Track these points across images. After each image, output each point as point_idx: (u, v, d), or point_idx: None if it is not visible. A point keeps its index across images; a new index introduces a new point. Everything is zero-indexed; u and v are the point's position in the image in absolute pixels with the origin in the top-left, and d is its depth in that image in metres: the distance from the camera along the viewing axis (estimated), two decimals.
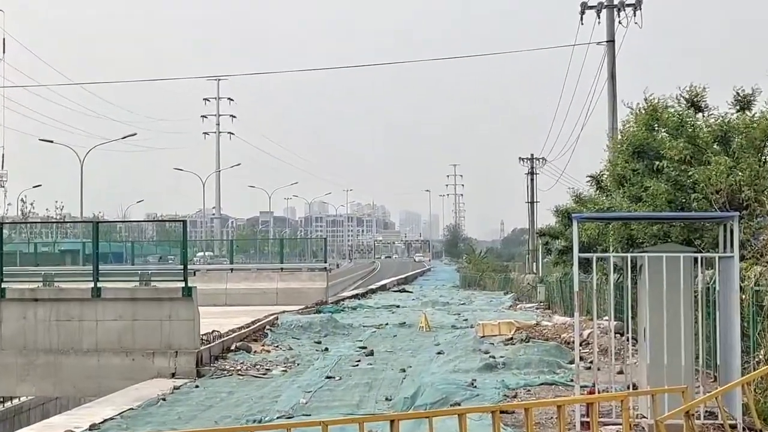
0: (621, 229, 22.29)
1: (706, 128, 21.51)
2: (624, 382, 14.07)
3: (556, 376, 18.13)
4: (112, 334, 21.46)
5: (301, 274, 47.30)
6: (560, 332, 25.14)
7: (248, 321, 29.39)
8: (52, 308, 21.71)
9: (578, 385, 13.52)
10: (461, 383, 16.96)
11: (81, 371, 21.47)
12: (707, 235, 19.43)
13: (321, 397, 17.29)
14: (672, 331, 12.40)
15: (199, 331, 22.01)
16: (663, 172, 21.15)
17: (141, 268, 32.12)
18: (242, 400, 17.23)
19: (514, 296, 58.02)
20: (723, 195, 18.71)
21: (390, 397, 16.96)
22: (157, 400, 17.36)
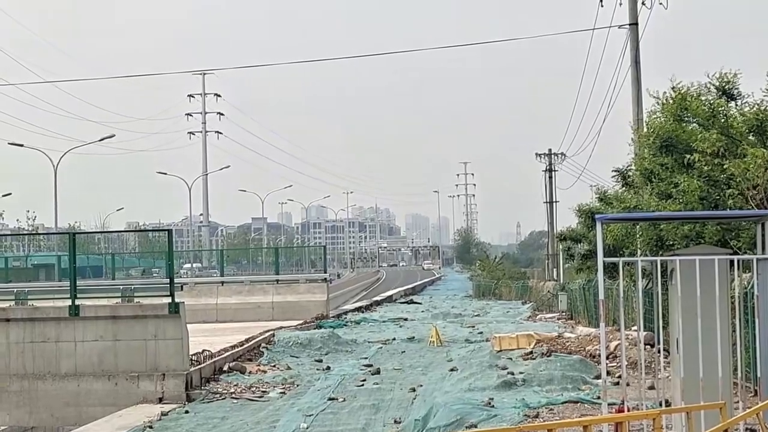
0: (649, 229, 22.31)
1: (741, 118, 21.54)
2: (656, 399, 14.08)
3: (581, 393, 18.13)
4: (92, 357, 21.48)
5: (299, 286, 47.30)
6: (585, 344, 25.16)
7: (242, 339, 29.44)
8: (26, 329, 21.74)
9: (606, 403, 13.52)
10: (477, 403, 16.98)
11: (59, 397, 21.49)
12: (744, 235, 19.43)
13: (323, 421, 17.31)
14: (707, 342, 12.41)
15: (188, 351, 22.03)
16: (694, 166, 21.16)
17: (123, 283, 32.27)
18: (237, 426, 17.25)
19: (533, 306, 58.10)
20: (761, 191, 18.72)
21: (399, 420, 16.99)
22: (143, 427, 17.40)
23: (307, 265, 61.20)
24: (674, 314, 12.92)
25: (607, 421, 11.59)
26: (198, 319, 32.30)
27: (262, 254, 75.86)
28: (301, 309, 42.92)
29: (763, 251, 13.08)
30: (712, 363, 12.41)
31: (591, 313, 36.29)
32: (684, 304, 12.59)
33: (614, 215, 23.03)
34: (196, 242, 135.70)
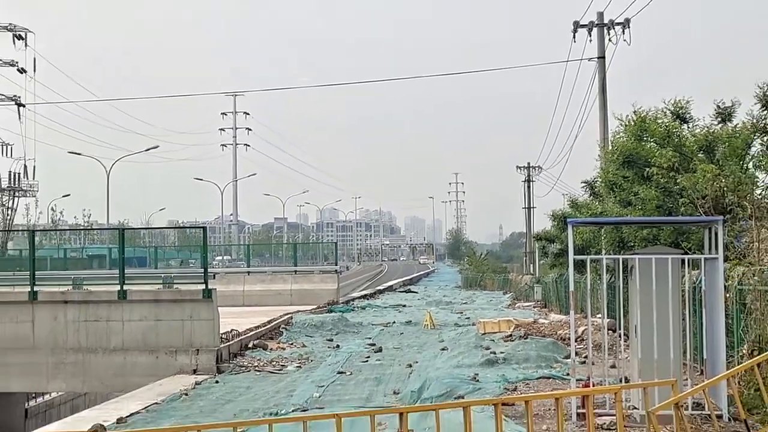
0: (613, 232, 22.31)
1: (692, 138, 21.55)
2: (617, 376, 14.06)
3: (553, 370, 18.11)
4: (137, 334, 21.50)
5: (314, 276, 47.31)
6: (556, 329, 25.12)
7: (264, 320, 29.44)
8: (81, 310, 21.76)
9: (574, 379, 13.51)
10: (464, 377, 16.95)
11: (108, 369, 21.52)
12: (693, 237, 19.43)
13: (333, 391, 17.29)
14: (661, 328, 12.39)
15: (219, 330, 22.04)
16: (652, 179, 21.18)
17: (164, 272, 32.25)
18: (259, 395, 17.23)
19: (512, 296, 58.03)
20: (708, 200, 18.70)
21: (398, 391, 16.96)
22: (180, 395, 17.39)
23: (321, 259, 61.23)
24: (633, 304, 12.91)
25: (575, 395, 11.58)
26: (227, 303, 32.24)
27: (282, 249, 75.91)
28: (315, 296, 42.91)
29: (710, 252, 13.07)
30: (665, 346, 12.40)
31: (562, 303, 36.25)
32: (641, 296, 12.58)
33: (583, 219, 23.02)
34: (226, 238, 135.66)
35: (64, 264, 49.60)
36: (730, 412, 11.86)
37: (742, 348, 13.91)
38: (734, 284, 14.63)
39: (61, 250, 63.18)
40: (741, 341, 14.13)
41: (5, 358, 21.79)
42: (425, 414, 9.80)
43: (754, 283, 14.12)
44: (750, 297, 14.11)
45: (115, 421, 14.64)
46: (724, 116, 21.37)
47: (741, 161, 19.98)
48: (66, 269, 42.86)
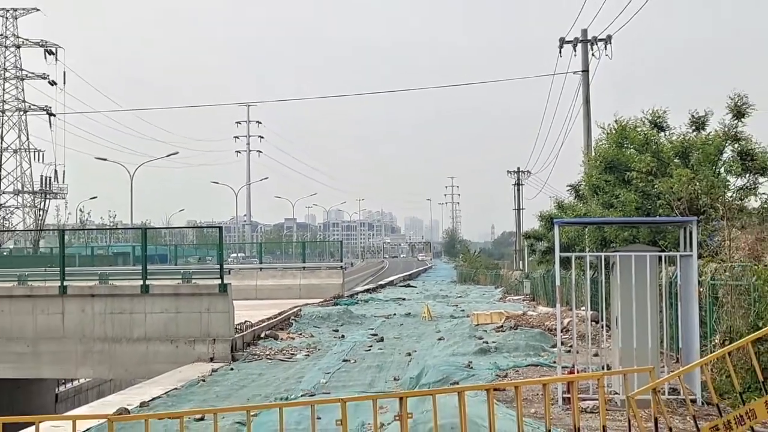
0: (596, 232, 22.32)
1: (669, 145, 21.58)
2: (599, 363, 14.07)
3: (540, 358, 18.12)
4: (158, 325, 21.53)
5: (321, 272, 47.31)
6: (544, 321, 25.12)
7: (275, 312, 29.45)
8: (107, 303, 21.79)
9: (560, 366, 13.54)
10: (459, 365, 16.95)
11: (132, 357, 21.54)
12: (670, 236, 19.45)
13: (339, 378, 17.30)
14: (640, 319, 12.41)
15: (234, 321, 22.05)
16: (631, 183, 21.20)
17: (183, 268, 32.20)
18: (271, 381, 17.24)
19: (503, 290, 58.03)
20: (683, 202, 18.73)
21: (398, 378, 16.97)
22: (198, 381, 17.40)
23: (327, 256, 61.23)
24: (614, 298, 12.92)
25: (561, 381, 11.60)
26: (241, 296, 32.27)
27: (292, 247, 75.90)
28: (322, 290, 42.92)
29: (685, 249, 13.08)
30: (644, 336, 12.41)
31: (549, 296, 36.26)
32: (622, 290, 12.60)
33: (568, 220, 23.05)
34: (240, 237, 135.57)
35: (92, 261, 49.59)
36: (704, 396, 11.88)
37: (714, 338, 13.92)
38: (707, 279, 14.65)
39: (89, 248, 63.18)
40: (713, 332, 14.15)
41: (38, 347, 21.84)
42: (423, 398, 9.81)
43: (725, 279, 14.14)
44: (722, 291, 14.13)
45: (138, 404, 14.66)
46: (698, 125, 21.40)
47: (713, 166, 20.01)
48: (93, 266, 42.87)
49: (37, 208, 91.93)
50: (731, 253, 15.85)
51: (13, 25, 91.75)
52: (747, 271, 13.34)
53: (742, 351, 9.87)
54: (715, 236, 18.34)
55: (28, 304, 22.01)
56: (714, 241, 18.15)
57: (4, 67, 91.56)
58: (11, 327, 21.94)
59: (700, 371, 11.15)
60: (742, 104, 20.05)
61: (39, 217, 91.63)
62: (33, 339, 21.82)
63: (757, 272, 12.55)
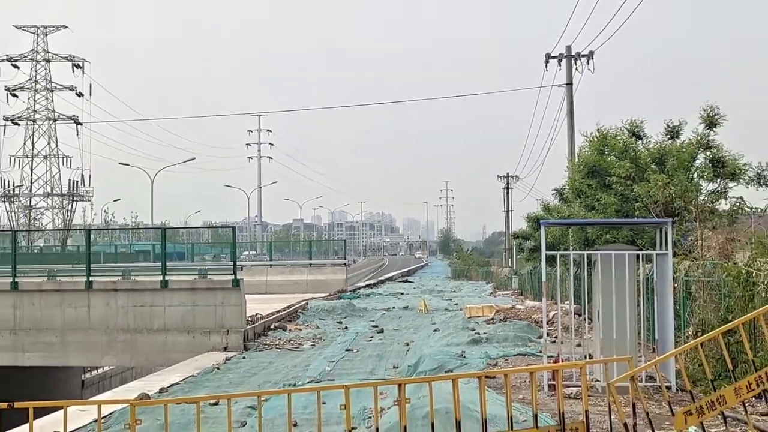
0: (579, 232, 22.31)
1: (646, 152, 21.57)
2: (582, 353, 14.08)
3: (528, 348, 18.11)
4: (177, 317, 21.55)
5: (326, 269, 47.31)
6: (531, 314, 25.12)
7: (284, 306, 29.46)
8: (129, 297, 21.81)
9: (546, 356, 13.53)
10: (453, 354, 16.95)
11: (152, 346, 21.56)
12: (647, 236, 19.45)
13: (342, 366, 17.31)
14: (619, 312, 12.41)
15: (246, 314, 22.08)
16: (612, 187, 21.19)
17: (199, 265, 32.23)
18: (279, 369, 17.26)
19: (493, 285, 57.96)
20: (659, 205, 18.74)
21: (397, 366, 16.97)
22: (213, 368, 17.41)
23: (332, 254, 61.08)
24: (596, 292, 12.93)
25: (547, 369, 11.60)
26: (253, 291, 32.27)
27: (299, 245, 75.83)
28: (327, 285, 42.93)
29: (661, 248, 13.08)
30: (623, 328, 12.41)
31: (536, 291, 36.23)
32: (603, 286, 12.60)
33: (554, 221, 23.03)
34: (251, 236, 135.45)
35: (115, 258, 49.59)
36: (678, 384, 11.88)
37: (688, 330, 13.92)
38: (681, 276, 14.65)
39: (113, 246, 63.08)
40: (687, 324, 14.15)
41: (66, 338, 21.86)
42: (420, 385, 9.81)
43: (698, 275, 14.14)
44: (694, 287, 14.13)
45: (158, 390, 14.66)
46: (673, 134, 21.41)
47: (687, 172, 20.01)
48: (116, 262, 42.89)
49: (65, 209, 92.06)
50: (703, 251, 15.86)
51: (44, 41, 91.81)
52: (718, 268, 13.34)
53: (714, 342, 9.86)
54: (688, 236, 18.36)
55: (57, 298, 22.04)
56: (687, 240, 18.17)
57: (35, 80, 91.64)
58: (41, 319, 21.97)
59: (675, 360, 11.16)
60: (714, 115, 20.07)
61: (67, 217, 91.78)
62: (61, 330, 21.85)
63: (727, 270, 12.55)
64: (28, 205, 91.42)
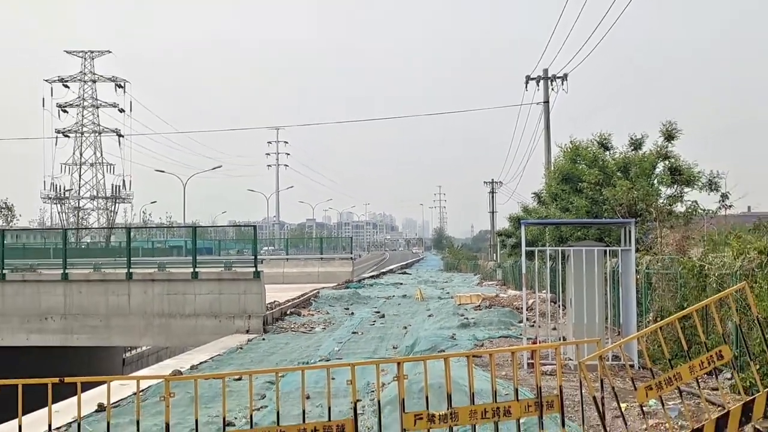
0: (554, 231, 22.31)
1: (612, 161, 21.56)
2: (557, 335, 14.10)
3: (510, 331, 18.14)
4: (205, 304, 21.57)
5: (334, 262, 47.38)
6: (512, 301, 25.15)
7: (298, 294, 29.51)
8: (164, 286, 21.83)
9: (525, 338, 13.54)
10: (445, 336, 16.99)
11: (184, 329, 21.59)
12: (613, 234, 19.45)
13: (349, 346, 17.34)
14: (589, 301, 12.42)
15: (265, 301, 22.11)
16: (583, 191, 21.19)
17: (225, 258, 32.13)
18: (294, 349, 17.29)
19: (480, 277, 57.98)
20: (624, 207, 18.73)
21: (396, 346, 17.00)
22: (236, 349, 17.44)
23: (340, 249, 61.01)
24: (569, 283, 12.93)
25: (526, 349, 11.59)
26: (271, 281, 32.29)
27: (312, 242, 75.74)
28: (336, 276, 42.98)
29: (625, 245, 13.09)
30: (592, 314, 12.42)
31: (517, 282, 36.23)
32: (575, 277, 12.61)
33: (533, 221, 23.02)
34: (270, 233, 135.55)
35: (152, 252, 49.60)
36: (640, 362, 11.89)
37: (648, 315, 13.92)
38: (643, 269, 14.66)
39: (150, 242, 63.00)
40: (648, 310, 14.15)
41: (109, 322, 21.88)
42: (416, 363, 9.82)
43: (657, 268, 14.14)
44: (654, 278, 14.14)
45: (189, 367, 14.69)
46: (636, 145, 21.39)
47: (648, 179, 20.00)
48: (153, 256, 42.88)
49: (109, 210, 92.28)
50: (662, 248, 15.86)
51: (91, 64, 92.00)
52: (675, 262, 13.34)
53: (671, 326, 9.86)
54: (649, 234, 18.36)
55: (102, 287, 22.07)
56: (648, 238, 18.17)
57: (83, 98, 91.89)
58: (88, 305, 22.00)
59: (637, 342, 11.16)
60: (672, 129, 20.06)
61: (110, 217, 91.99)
62: (105, 315, 21.88)
63: (683, 264, 12.55)
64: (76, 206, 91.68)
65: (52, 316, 22.00)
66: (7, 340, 22.21)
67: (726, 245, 11.58)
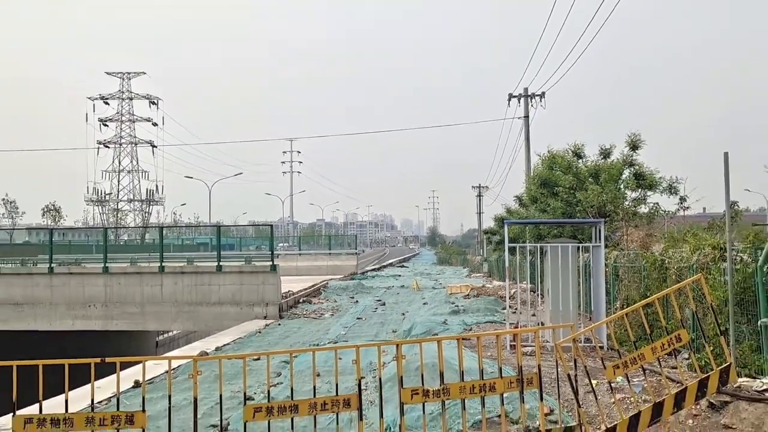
0: (534, 229, 22.31)
1: (585, 168, 21.55)
2: (536, 321, 14.09)
3: (495, 317, 18.11)
4: (228, 293, 21.56)
5: (341, 256, 47.30)
6: (497, 291, 25.12)
7: (310, 285, 29.46)
8: (192, 278, 21.82)
9: (508, 323, 13.53)
10: (438, 322, 16.96)
11: (210, 315, 21.58)
12: (585, 232, 19.44)
13: (354, 330, 17.32)
14: (564, 290, 12.41)
15: (281, 290, 22.09)
16: (559, 195, 21.18)
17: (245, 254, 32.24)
18: (306, 333, 17.26)
19: (469, 269, 57.89)
20: (595, 208, 18.72)
21: (395, 330, 16.96)
22: (256, 332, 17.43)
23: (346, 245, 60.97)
24: (546, 275, 12.93)
25: (509, 333, 11.58)
26: (285, 274, 32.24)
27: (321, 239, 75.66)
28: (342, 269, 42.92)
29: (596, 242, 13.08)
30: (567, 302, 12.41)
31: (501, 274, 36.22)
32: (552, 270, 12.60)
33: (515, 221, 23.01)
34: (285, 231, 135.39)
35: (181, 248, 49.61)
36: (608, 344, 11.87)
37: (616, 303, 13.92)
38: (611, 262, 14.65)
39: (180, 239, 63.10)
40: (615, 299, 14.15)
41: (144, 309, 21.88)
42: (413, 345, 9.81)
43: (624, 262, 14.14)
44: (621, 270, 14.13)
45: (214, 349, 14.69)
46: (605, 154, 21.38)
47: (616, 183, 19.99)
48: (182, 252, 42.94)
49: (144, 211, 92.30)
50: (628, 244, 15.86)
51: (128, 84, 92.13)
52: (639, 257, 13.34)
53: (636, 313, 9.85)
54: (616, 233, 18.35)
55: (137, 278, 22.06)
56: (616, 236, 18.16)
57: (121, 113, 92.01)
58: (126, 295, 22.00)
59: (606, 327, 11.15)
60: (637, 140, 20.05)
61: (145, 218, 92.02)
62: (141, 303, 21.87)
63: (646, 258, 12.55)
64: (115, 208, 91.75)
65: (94, 304, 22.00)
66: (55, 324, 22.22)
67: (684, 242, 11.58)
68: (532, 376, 6.64)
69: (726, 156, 7.83)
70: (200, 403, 6.95)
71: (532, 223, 21.14)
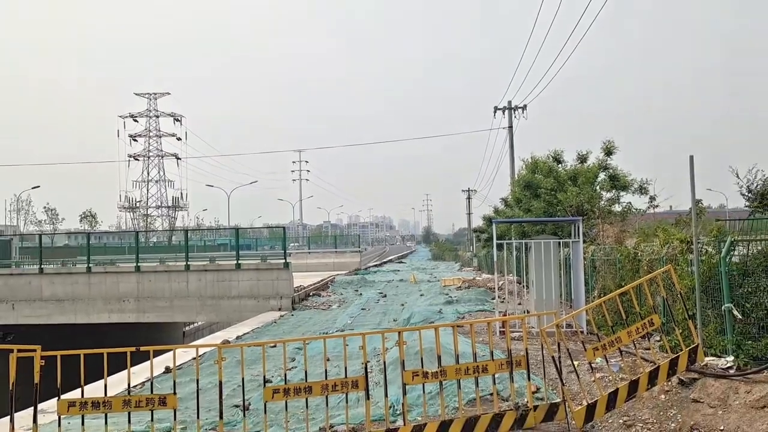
0: (518, 227, 22.29)
1: (564, 172, 21.54)
2: (522, 309, 14.06)
3: (485, 306, 18.09)
4: (246, 288, 21.54)
5: (346, 254, 47.33)
6: (487, 283, 25.09)
7: (319, 280, 29.46)
8: (215, 275, 21.81)
9: (497, 311, 13.51)
10: (434, 311, 16.96)
11: (230, 308, 21.56)
12: (565, 230, 19.43)
13: (359, 320, 17.31)
14: (547, 281, 12.40)
15: (293, 285, 22.07)
16: (541, 196, 21.17)
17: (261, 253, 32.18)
18: (316, 322, 17.26)
19: (460, 264, 57.88)
20: (573, 208, 18.70)
21: (396, 319, 16.96)
22: (272, 322, 17.42)
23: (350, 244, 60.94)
24: (531, 268, 12.91)
25: (498, 320, 11.54)
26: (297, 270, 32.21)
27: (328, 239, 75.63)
28: (347, 265, 42.91)
29: (575, 238, 13.06)
30: (550, 292, 12.40)
31: (489, 268, 36.19)
32: (535, 264, 12.59)
33: (501, 220, 23.00)
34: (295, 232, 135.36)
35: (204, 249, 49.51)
36: (588, 329, 11.85)
37: (594, 292, 13.89)
38: (589, 256, 14.63)
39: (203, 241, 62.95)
40: (593, 288, 14.12)
41: (172, 303, 21.85)
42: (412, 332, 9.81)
43: (600, 255, 14.11)
44: (598, 263, 14.11)
45: (235, 337, 14.67)
46: (582, 159, 21.37)
47: (592, 185, 19.98)
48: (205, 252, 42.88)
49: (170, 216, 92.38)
50: (604, 239, 15.84)
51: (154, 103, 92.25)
52: (614, 250, 13.32)
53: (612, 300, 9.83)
54: (593, 229, 18.32)
55: (166, 276, 22.05)
56: (593, 232, 18.13)
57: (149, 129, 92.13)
58: (156, 290, 21.98)
59: (586, 313, 11.13)
60: (611, 146, 20.04)
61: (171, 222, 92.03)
62: (169, 298, 21.86)
63: (620, 251, 12.52)
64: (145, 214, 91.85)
65: (127, 299, 21.98)
66: (93, 318, 22.22)
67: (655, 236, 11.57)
68: (520, 358, 6.62)
69: (691, 159, 7.82)
70: (224, 386, 6.94)
71: (518, 222, 21.13)
